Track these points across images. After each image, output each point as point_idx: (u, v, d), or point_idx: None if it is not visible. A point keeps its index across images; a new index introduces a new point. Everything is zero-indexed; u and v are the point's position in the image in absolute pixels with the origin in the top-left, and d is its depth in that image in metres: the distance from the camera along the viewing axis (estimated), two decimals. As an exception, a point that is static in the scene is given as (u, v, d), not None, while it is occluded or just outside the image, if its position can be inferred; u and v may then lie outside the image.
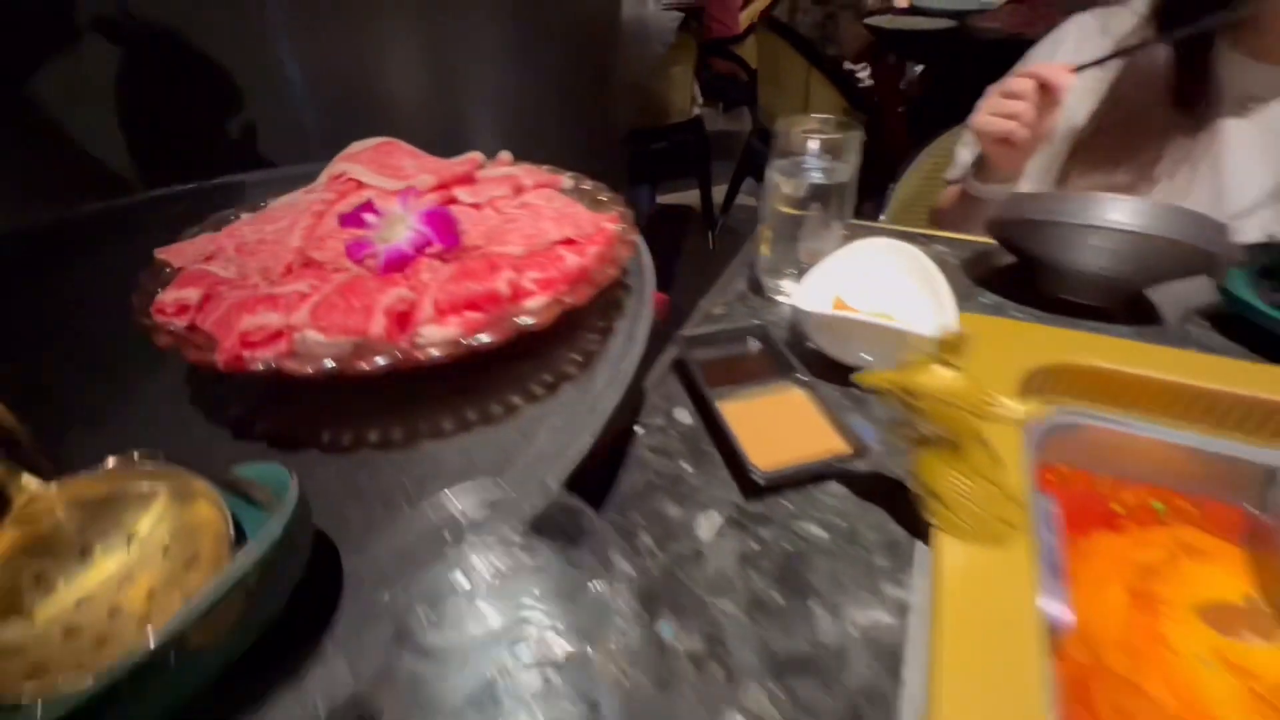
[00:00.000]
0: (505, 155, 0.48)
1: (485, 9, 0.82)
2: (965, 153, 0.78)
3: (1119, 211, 0.48)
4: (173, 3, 0.54)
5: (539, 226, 0.39)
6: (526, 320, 0.32)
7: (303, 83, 0.69)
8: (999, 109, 0.60)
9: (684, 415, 0.44)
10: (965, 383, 0.29)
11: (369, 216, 0.35)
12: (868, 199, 0.76)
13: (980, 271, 0.59)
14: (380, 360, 0.29)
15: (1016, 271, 0.57)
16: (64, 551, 0.24)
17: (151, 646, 0.18)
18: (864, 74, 1.87)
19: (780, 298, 0.55)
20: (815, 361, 0.45)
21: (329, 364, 0.29)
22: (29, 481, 0.24)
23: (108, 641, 0.22)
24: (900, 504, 0.36)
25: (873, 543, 0.34)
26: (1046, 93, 0.58)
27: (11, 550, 0.23)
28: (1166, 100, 0.64)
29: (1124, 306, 0.52)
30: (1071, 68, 0.57)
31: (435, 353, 0.30)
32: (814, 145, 0.49)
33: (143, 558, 0.25)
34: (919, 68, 1.73)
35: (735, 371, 0.44)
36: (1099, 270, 0.49)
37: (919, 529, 0.34)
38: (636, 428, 0.43)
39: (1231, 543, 0.40)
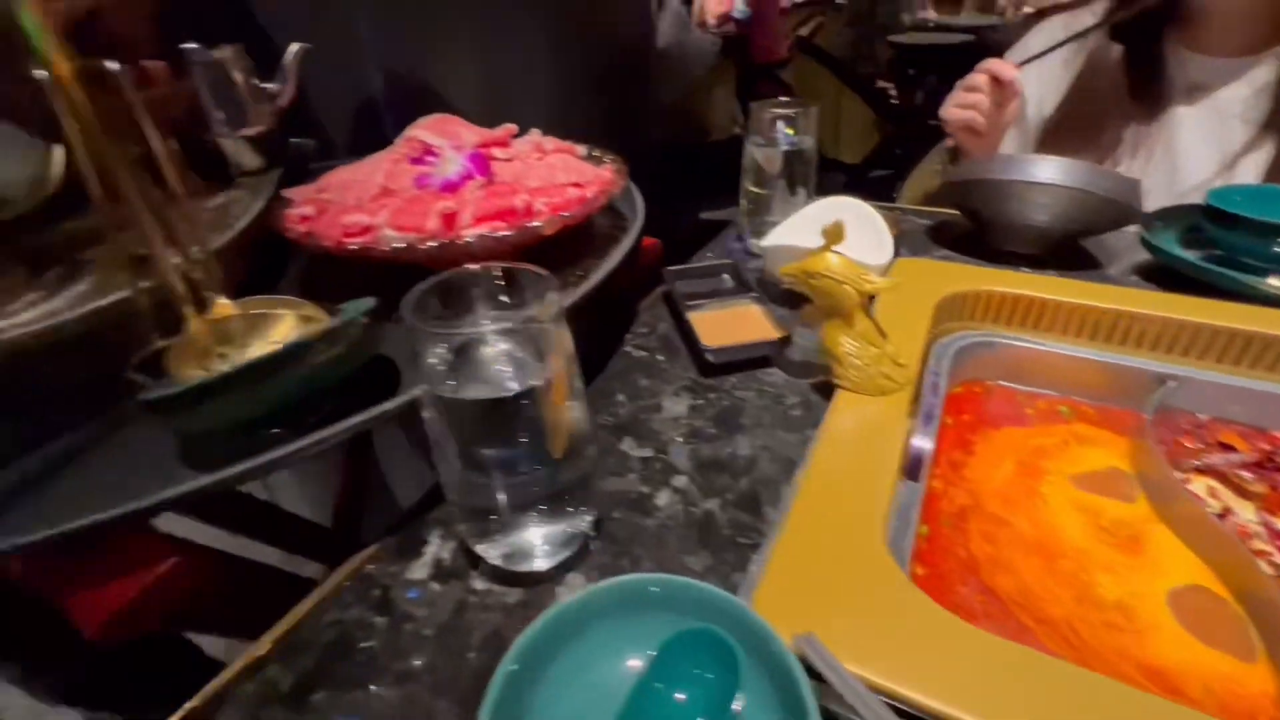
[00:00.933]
0: (535, 131, 0.61)
1: (533, 34, 0.98)
2: (950, 140, 0.87)
3: (1043, 168, 0.56)
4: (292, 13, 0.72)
5: (552, 173, 0.52)
6: (537, 224, 0.44)
7: (384, 91, 0.87)
8: (960, 101, 0.70)
9: (665, 327, 0.55)
10: (846, 264, 0.39)
11: (430, 158, 0.49)
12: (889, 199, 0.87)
13: (939, 234, 0.68)
14: (432, 244, 0.42)
15: (969, 232, 0.66)
16: (233, 343, 0.37)
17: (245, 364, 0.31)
18: (895, 90, 1.97)
19: (756, 250, 0.66)
20: (776, 291, 0.55)
21: (399, 244, 0.43)
22: (220, 301, 0.37)
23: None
24: (824, 382, 0.46)
25: (793, 402, 0.45)
26: (999, 85, 0.67)
27: (206, 340, 0.37)
28: (1124, 92, 0.72)
29: (1058, 255, 0.60)
30: (1018, 63, 0.66)
31: (470, 239, 0.43)
32: (781, 123, 0.61)
33: (276, 352, 0.38)
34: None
35: (709, 294, 0.55)
36: (1029, 221, 0.58)
37: (829, 391, 0.44)
38: (627, 335, 0.54)
39: (1120, 436, 0.48)
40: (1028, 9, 1.96)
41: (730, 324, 0.50)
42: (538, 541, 0.33)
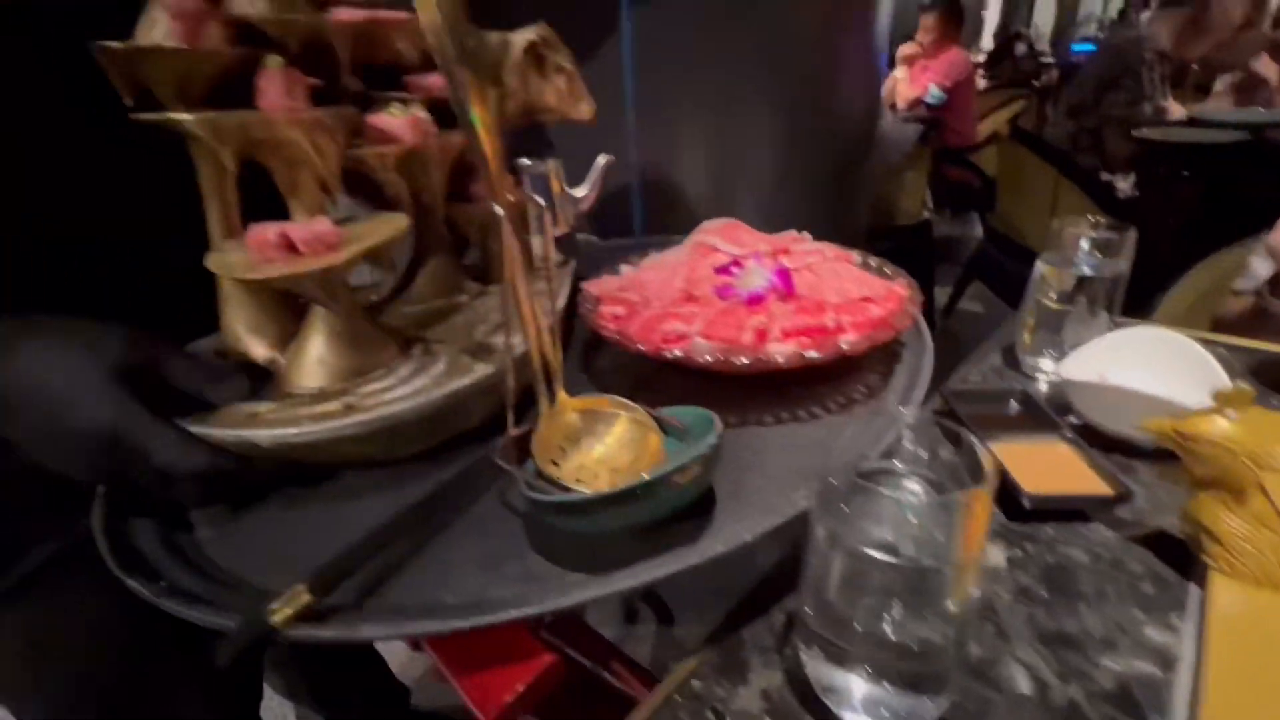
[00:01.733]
0: (807, 234, 0.62)
1: (765, 122, 1.03)
2: (1261, 265, 0.75)
3: None
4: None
5: (844, 285, 0.52)
6: (845, 345, 0.44)
7: (639, 179, 0.95)
8: None
9: (945, 453, 0.51)
10: (1246, 432, 0.34)
11: (735, 269, 0.51)
12: (1129, 311, 0.77)
13: (1272, 377, 0.58)
14: (744, 360, 0.44)
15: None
16: (572, 439, 0.41)
17: (647, 479, 0.33)
18: (1124, 184, 1.78)
19: (1039, 375, 0.60)
20: (1079, 425, 0.50)
21: (709, 358, 0.44)
22: (563, 396, 0.41)
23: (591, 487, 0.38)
24: (1167, 549, 0.40)
25: (1138, 572, 0.39)
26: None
27: (552, 433, 0.40)
28: None
29: None
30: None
31: (781, 360, 0.44)
32: (1084, 242, 0.56)
33: (609, 450, 0.40)
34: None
35: (998, 423, 0.51)
36: None
37: (1190, 572, 0.38)
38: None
39: None
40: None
41: (1040, 464, 0.46)
42: (867, 697, 0.31)
